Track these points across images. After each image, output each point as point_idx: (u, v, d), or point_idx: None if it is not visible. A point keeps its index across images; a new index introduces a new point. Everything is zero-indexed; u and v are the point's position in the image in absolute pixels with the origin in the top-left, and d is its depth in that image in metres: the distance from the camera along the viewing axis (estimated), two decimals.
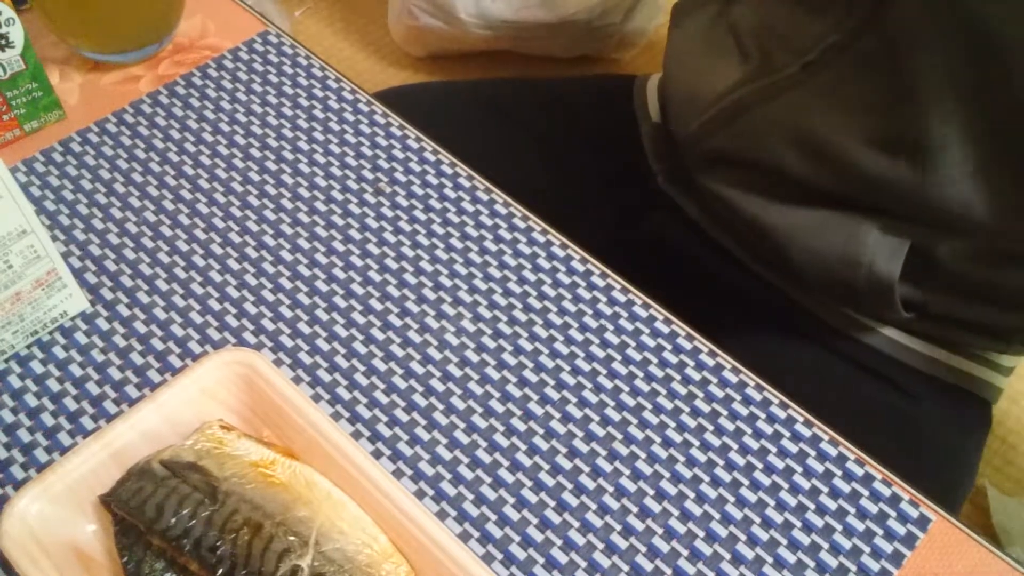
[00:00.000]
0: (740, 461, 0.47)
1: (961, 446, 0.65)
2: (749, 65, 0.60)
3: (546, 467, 0.46)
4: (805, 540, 0.44)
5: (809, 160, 0.57)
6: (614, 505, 0.45)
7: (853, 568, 0.43)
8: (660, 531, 0.44)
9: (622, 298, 0.53)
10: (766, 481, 0.46)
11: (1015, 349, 0.63)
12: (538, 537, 0.44)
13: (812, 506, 0.45)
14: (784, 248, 0.61)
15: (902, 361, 0.63)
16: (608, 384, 0.49)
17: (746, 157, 0.61)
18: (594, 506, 0.45)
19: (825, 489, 0.46)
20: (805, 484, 0.46)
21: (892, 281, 0.57)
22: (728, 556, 0.43)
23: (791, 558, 0.44)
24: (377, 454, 0.46)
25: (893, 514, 0.45)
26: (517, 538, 0.44)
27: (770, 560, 0.43)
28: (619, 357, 0.50)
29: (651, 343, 0.51)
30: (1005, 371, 0.65)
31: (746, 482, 0.46)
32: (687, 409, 0.48)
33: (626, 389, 0.49)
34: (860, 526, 0.45)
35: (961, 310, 0.60)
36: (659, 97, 0.76)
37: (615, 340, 0.51)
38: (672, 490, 0.45)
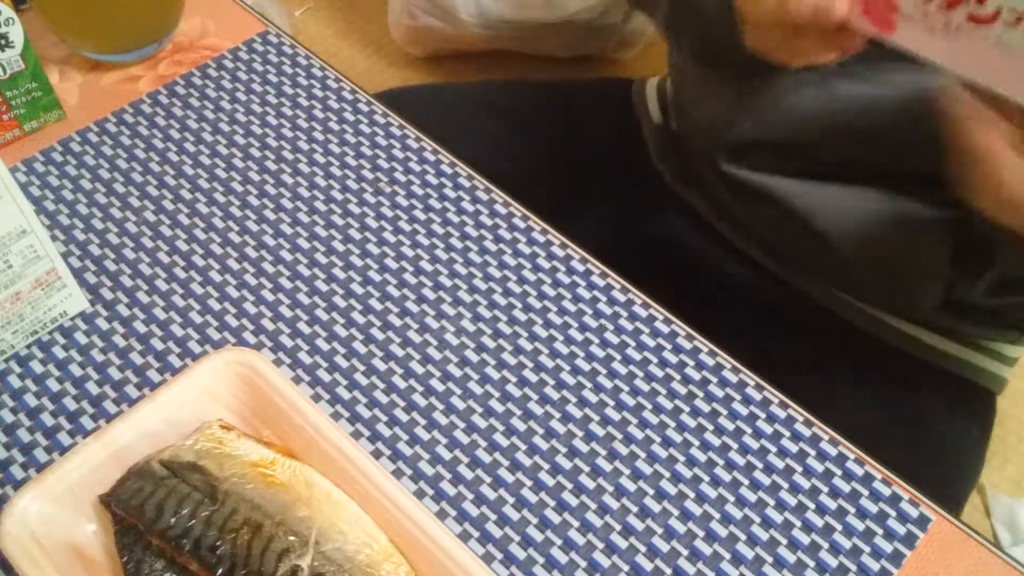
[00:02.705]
0: (740, 461, 0.47)
1: (967, 437, 0.64)
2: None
3: (546, 467, 0.46)
4: (805, 540, 0.44)
5: (840, 135, 0.56)
6: (614, 505, 0.45)
7: (853, 568, 0.43)
8: (660, 531, 0.44)
9: (622, 298, 0.53)
10: (766, 481, 0.46)
11: None
12: (538, 537, 0.44)
13: (812, 506, 0.45)
14: (823, 231, 0.59)
15: (909, 353, 0.63)
16: (608, 384, 0.49)
17: (775, 140, 0.60)
18: (594, 506, 0.45)
19: (825, 489, 0.46)
20: (805, 484, 0.46)
21: (943, 257, 0.56)
22: (728, 556, 0.43)
23: (791, 558, 0.44)
24: (377, 454, 0.46)
25: (893, 514, 0.45)
26: (517, 538, 0.44)
27: (770, 560, 0.43)
28: (619, 357, 0.50)
29: (651, 343, 0.51)
30: (1010, 362, 0.65)
31: (746, 482, 0.46)
32: (687, 409, 0.48)
33: (626, 389, 0.49)
34: (860, 526, 0.45)
35: (984, 297, 0.59)
36: (659, 98, 0.76)
37: (615, 340, 0.51)
38: (672, 490, 0.45)
